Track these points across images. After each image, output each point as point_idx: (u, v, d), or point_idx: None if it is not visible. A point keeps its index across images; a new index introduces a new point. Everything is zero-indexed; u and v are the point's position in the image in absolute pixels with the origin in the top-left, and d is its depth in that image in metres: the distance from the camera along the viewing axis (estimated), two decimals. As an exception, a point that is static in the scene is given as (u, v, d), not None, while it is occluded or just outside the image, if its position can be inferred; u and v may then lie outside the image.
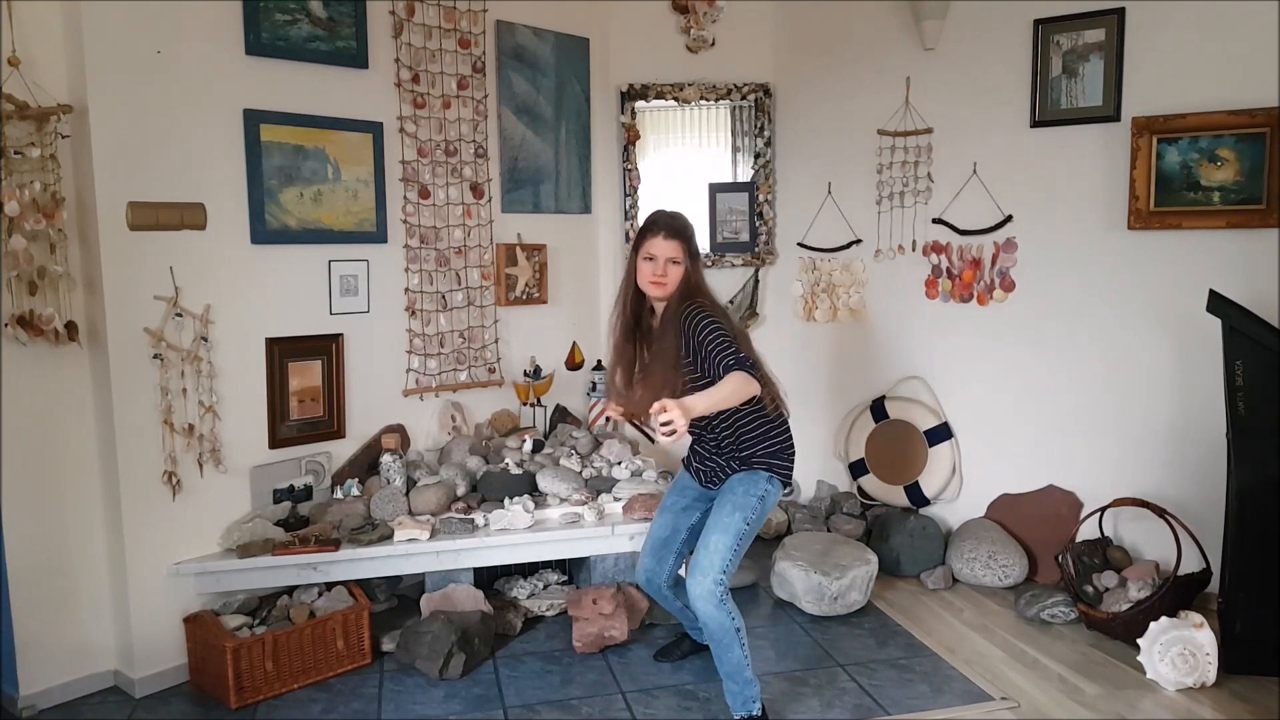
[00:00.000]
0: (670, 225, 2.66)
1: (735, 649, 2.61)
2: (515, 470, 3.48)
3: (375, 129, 3.46)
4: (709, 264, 4.36)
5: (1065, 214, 3.68)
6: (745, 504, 2.66)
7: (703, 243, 4.12)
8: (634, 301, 2.76)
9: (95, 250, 2.80)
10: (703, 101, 4.38)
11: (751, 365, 2.49)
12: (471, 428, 3.87)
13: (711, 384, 2.46)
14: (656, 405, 2.26)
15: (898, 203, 4.12)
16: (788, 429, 2.81)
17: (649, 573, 2.94)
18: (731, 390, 2.42)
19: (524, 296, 4.02)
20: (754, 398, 2.51)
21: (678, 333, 2.61)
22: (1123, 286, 3.57)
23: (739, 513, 2.65)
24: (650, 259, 2.64)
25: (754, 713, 2.66)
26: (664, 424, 2.22)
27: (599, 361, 4.19)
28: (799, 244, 4.41)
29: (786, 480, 2.77)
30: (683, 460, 3.00)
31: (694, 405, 2.32)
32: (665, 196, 4.28)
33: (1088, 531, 3.56)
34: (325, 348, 3.40)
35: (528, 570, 3.60)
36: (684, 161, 4.51)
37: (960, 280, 3.95)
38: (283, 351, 3.27)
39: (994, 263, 3.87)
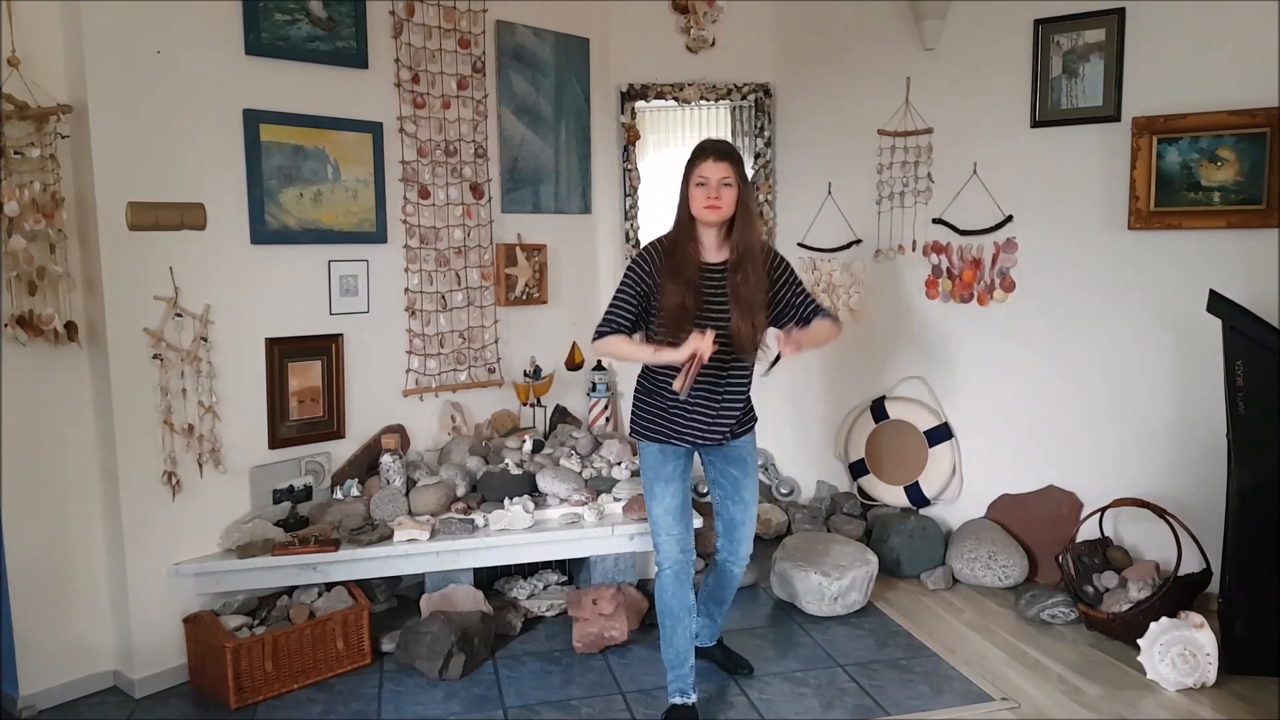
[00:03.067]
0: (718, 148, 2.65)
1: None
2: (515, 470, 3.48)
3: (375, 129, 3.46)
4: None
5: (1065, 214, 3.68)
6: (757, 470, 2.89)
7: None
8: (686, 235, 2.68)
9: (95, 250, 2.80)
10: (703, 101, 4.38)
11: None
12: (471, 428, 3.87)
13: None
14: (788, 340, 2.52)
15: (898, 203, 4.12)
16: None
17: (683, 541, 2.73)
18: (829, 333, 2.71)
19: (524, 296, 4.02)
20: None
21: (763, 272, 2.66)
22: (1123, 286, 3.57)
23: (757, 477, 2.89)
24: (702, 184, 2.61)
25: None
26: (792, 348, 2.49)
27: (599, 361, 4.19)
28: (799, 244, 4.41)
29: None
30: (645, 427, 2.75)
31: (807, 338, 2.62)
32: (665, 197, 4.28)
33: (1088, 532, 3.56)
34: (325, 348, 3.39)
35: (528, 570, 3.60)
36: (684, 162, 4.50)
37: (960, 280, 3.95)
38: (283, 351, 3.26)
39: (994, 263, 3.87)
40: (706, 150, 2.64)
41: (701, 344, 2.41)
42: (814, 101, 4.34)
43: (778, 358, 2.61)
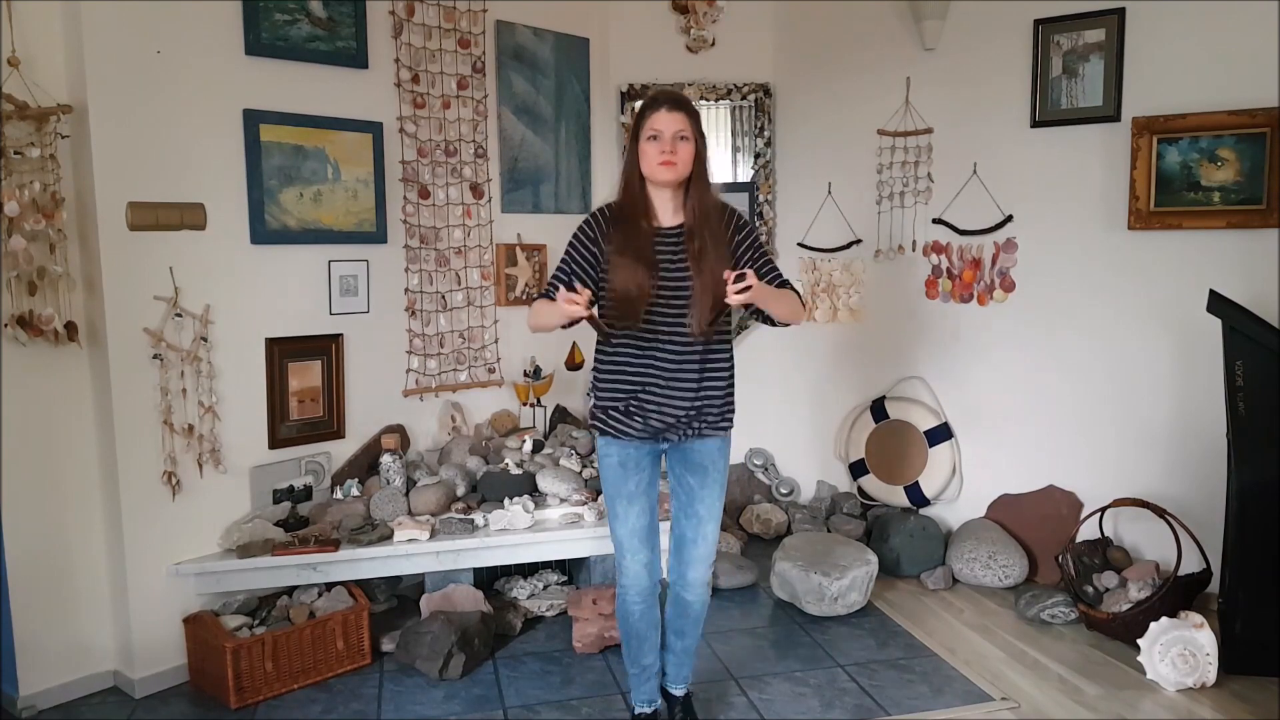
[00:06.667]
0: (673, 97, 2.32)
1: (703, 625, 2.63)
2: (515, 470, 3.48)
3: (375, 129, 3.46)
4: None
5: (1065, 214, 3.68)
6: (725, 480, 2.51)
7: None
8: (636, 197, 2.36)
9: (95, 250, 2.80)
10: (703, 101, 4.38)
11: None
12: (471, 428, 3.87)
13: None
14: (736, 276, 2.10)
15: (898, 203, 4.12)
16: None
17: (649, 566, 2.49)
18: (792, 307, 2.35)
19: (524, 297, 4.02)
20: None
21: (723, 235, 2.34)
22: (1123, 286, 3.57)
23: (723, 492, 2.50)
24: (654, 137, 2.28)
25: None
26: (741, 287, 2.08)
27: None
28: (799, 244, 4.41)
29: None
30: (607, 422, 2.45)
31: (767, 293, 2.22)
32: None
33: (1088, 532, 3.56)
34: (325, 348, 3.39)
35: (528, 570, 3.60)
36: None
37: (960, 280, 3.95)
38: (282, 352, 3.26)
39: (994, 263, 3.87)
40: (659, 100, 2.31)
41: (570, 309, 2.13)
42: (814, 101, 4.34)
43: (725, 311, 2.27)
